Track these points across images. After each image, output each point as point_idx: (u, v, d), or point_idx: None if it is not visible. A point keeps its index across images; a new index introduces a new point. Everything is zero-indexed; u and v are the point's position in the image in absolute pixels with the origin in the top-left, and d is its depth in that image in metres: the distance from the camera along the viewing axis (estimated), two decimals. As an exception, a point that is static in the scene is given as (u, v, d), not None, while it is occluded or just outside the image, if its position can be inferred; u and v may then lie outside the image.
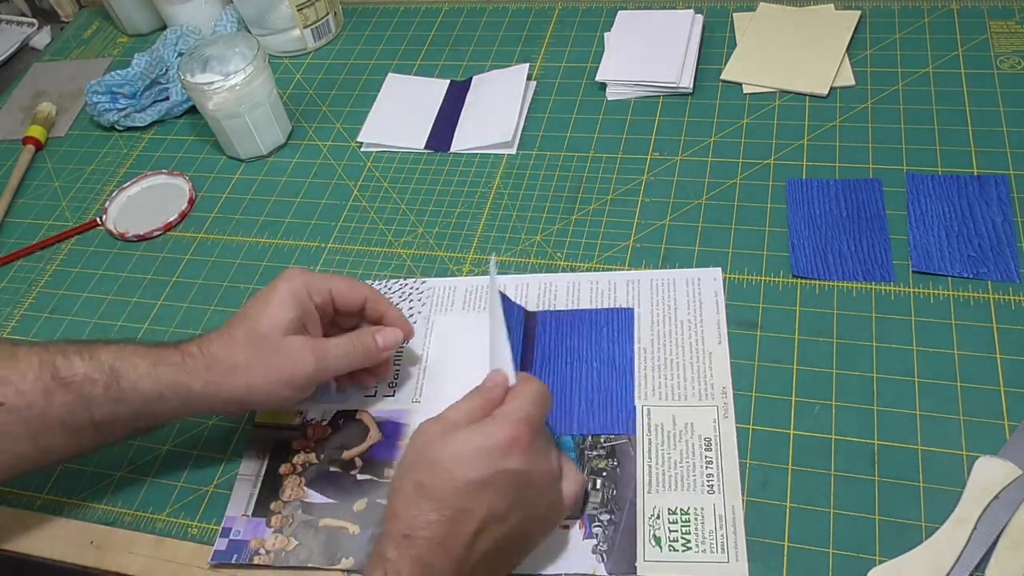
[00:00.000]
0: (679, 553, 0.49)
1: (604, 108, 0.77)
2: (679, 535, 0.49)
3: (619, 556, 0.49)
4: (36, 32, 1.04)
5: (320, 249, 0.71)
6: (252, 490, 0.56)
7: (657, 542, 0.49)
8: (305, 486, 0.55)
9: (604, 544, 0.50)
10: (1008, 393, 0.52)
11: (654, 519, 0.50)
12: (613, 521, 0.51)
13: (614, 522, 0.51)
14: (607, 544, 0.50)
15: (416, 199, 0.73)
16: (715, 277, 0.62)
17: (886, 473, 0.50)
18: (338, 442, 0.57)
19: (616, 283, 0.63)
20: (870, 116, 0.70)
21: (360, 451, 0.56)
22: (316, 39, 0.90)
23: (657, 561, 0.49)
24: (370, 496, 0.54)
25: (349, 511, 0.54)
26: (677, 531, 0.50)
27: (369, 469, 0.55)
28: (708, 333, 0.59)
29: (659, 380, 0.57)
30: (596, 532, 0.50)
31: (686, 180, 0.69)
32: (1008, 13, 0.76)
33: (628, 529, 0.50)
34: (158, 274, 0.72)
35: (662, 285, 0.62)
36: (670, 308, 0.61)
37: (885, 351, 0.56)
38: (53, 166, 0.85)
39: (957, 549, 0.46)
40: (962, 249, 0.60)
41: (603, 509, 0.51)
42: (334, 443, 0.57)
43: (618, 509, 0.51)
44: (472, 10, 0.91)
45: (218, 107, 0.75)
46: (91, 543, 0.56)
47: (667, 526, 0.50)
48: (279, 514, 0.54)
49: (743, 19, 0.82)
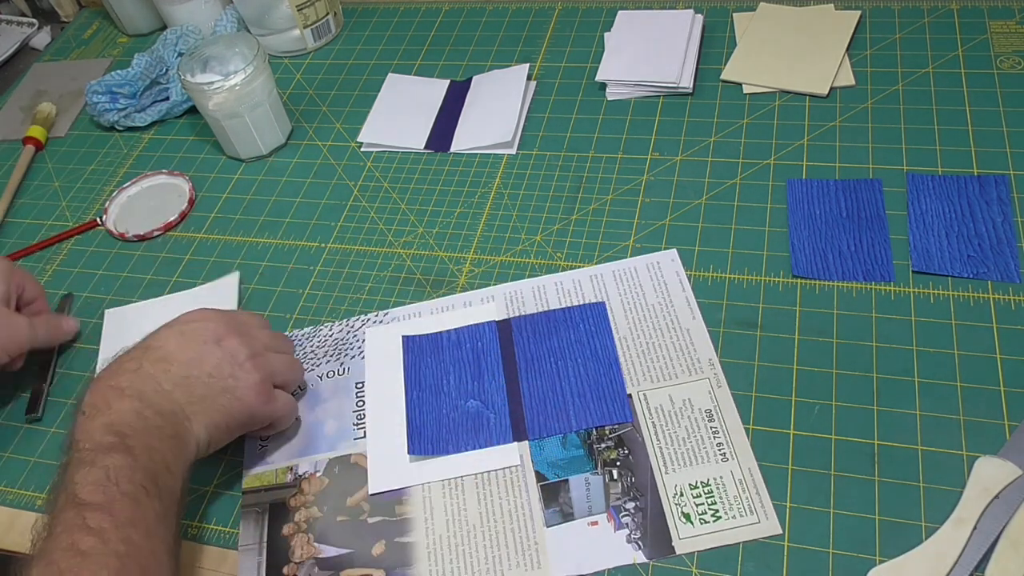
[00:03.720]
0: (711, 524, 0.50)
1: (604, 108, 0.77)
2: (706, 507, 0.50)
3: (654, 540, 0.50)
4: (36, 32, 1.04)
5: (320, 249, 0.71)
6: (258, 559, 0.53)
7: (687, 518, 0.50)
8: (315, 542, 0.53)
9: (637, 532, 0.50)
10: (1008, 393, 0.52)
11: (678, 497, 0.51)
12: (640, 508, 0.51)
13: (640, 508, 0.51)
14: (640, 531, 0.50)
15: (416, 199, 0.73)
16: (672, 258, 0.64)
17: (886, 473, 0.50)
18: (339, 490, 0.55)
19: (580, 280, 0.63)
20: (870, 116, 0.70)
21: (364, 495, 0.54)
22: (316, 39, 0.90)
23: (692, 537, 0.49)
24: (387, 537, 0.52)
25: (368, 557, 0.52)
26: (704, 504, 0.51)
27: (378, 510, 0.54)
28: (680, 312, 0.60)
29: (647, 364, 0.58)
30: (626, 522, 0.51)
31: (686, 180, 0.69)
32: (1008, 13, 0.76)
33: (656, 513, 0.51)
34: (158, 274, 0.72)
35: (625, 275, 0.63)
36: (638, 295, 0.62)
37: (885, 351, 0.56)
38: (53, 166, 0.85)
39: (957, 549, 0.46)
40: (962, 249, 0.60)
41: (627, 498, 0.51)
42: (335, 492, 0.55)
43: (640, 495, 0.51)
44: (472, 10, 0.91)
45: (218, 107, 0.75)
46: (91, 543, 0.56)
47: (692, 501, 0.51)
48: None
49: (743, 19, 0.82)
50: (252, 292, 0.68)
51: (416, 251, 0.69)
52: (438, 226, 0.70)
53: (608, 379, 0.57)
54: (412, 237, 0.70)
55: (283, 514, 0.55)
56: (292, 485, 0.56)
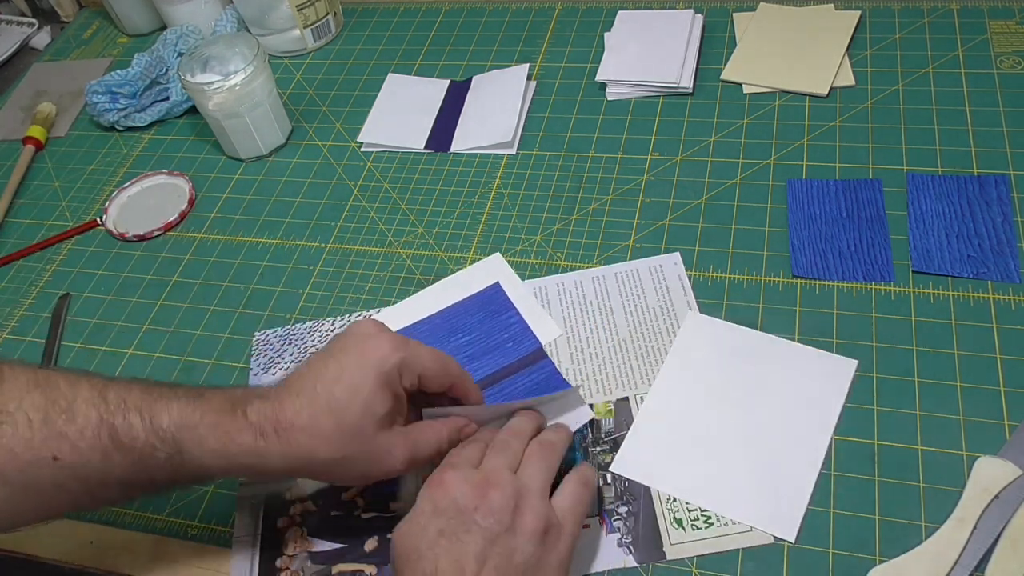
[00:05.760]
0: (702, 531, 0.49)
1: (604, 108, 0.77)
2: (699, 513, 0.50)
3: (645, 545, 0.50)
4: (36, 32, 1.04)
5: (320, 249, 0.71)
6: (252, 551, 0.53)
7: (679, 524, 0.50)
8: (308, 536, 0.53)
9: (628, 536, 0.50)
10: (1008, 393, 0.52)
11: (671, 502, 0.51)
12: (632, 512, 0.51)
13: (633, 512, 0.51)
14: (631, 535, 0.50)
15: (416, 199, 0.73)
16: (675, 262, 0.63)
17: (886, 473, 0.50)
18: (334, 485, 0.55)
19: (582, 281, 0.63)
20: (870, 116, 0.70)
21: (359, 490, 0.55)
22: (316, 39, 0.90)
23: (683, 543, 0.49)
24: (380, 533, 0.52)
25: (361, 552, 0.52)
26: (696, 509, 0.50)
27: (372, 506, 0.54)
28: (681, 315, 0.60)
29: (645, 367, 0.58)
30: (617, 526, 0.50)
31: (686, 180, 0.69)
32: (1008, 13, 0.76)
33: (648, 517, 0.51)
34: (158, 274, 0.72)
35: (627, 277, 0.63)
36: (639, 297, 0.62)
37: (885, 351, 0.56)
38: (53, 166, 0.85)
39: (957, 549, 0.46)
40: (962, 249, 0.60)
41: (619, 502, 0.51)
42: (330, 487, 0.55)
43: (634, 499, 0.51)
44: (472, 10, 0.91)
45: (218, 107, 0.75)
46: (91, 543, 0.56)
47: (685, 506, 0.51)
48: (288, 570, 0.52)
49: (743, 19, 0.82)
50: (252, 292, 0.68)
51: (416, 251, 0.69)
52: (438, 226, 0.70)
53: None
54: (412, 237, 0.70)
55: (278, 507, 0.55)
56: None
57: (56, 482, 0.44)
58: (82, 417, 0.44)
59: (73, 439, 0.44)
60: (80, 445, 0.44)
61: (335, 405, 0.45)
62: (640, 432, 0.54)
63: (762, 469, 0.51)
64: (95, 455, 0.44)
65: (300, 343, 0.64)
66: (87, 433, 0.44)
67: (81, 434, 0.44)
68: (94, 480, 0.44)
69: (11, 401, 0.43)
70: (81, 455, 0.44)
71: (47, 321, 0.70)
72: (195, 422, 0.45)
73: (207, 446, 0.45)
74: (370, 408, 0.45)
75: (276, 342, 0.64)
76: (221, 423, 0.45)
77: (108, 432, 0.44)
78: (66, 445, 0.43)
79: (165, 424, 0.44)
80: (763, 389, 0.54)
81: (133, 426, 0.44)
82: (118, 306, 0.70)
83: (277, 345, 0.64)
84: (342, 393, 0.45)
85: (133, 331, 0.68)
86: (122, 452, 0.44)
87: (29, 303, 0.72)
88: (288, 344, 0.64)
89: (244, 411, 0.45)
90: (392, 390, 0.46)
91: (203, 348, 0.65)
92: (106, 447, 0.44)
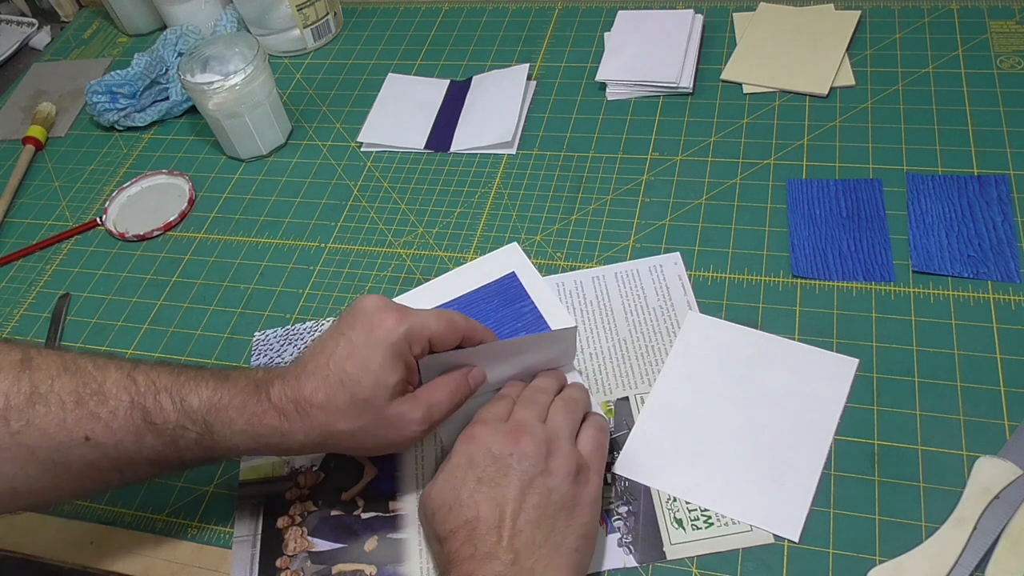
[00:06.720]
0: (703, 531, 0.49)
1: (604, 108, 0.77)
2: (699, 513, 0.50)
3: (645, 545, 0.50)
4: (36, 32, 1.04)
5: (320, 249, 0.71)
6: (252, 551, 0.53)
7: (679, 524, 0.50)
8: (308, 536, 0.53)
9: (628, 536, 0.50)
10: (1008, 393, 0.52)
11: (671, 502, 0.51)
12: (632, 512, 0.51)
13: (633, 512, 0.51)
14: (631, 535, 0.50)
15: (416, 199, 0.73)
16: (675, 262, 0.63)
17: (886, 473, 0.50)
18: (334, 485, 0.55)
19: (582, 281, 0.63)
20: (870, 116, 0.70)
21: (359, 490, 0.55)
22: (316, 39, 0.90)
23: (683, 543, 0.49)
24: (379, 533, 0.52)
25: (360, 552, 0.52)
26: (696, 509, 0.50)
27: (372, 506, 0.54)
28: (681, 315, 0.60)
29: (645, 367, 0.58)
30: (617, 526, 0.51)
31: (686, 180, 0.69)
32: (1008, 13, 0.76)
33: (648, 517, 0.51)
34: (158, 274, 0.72)
35: (627, 277, 0.63)
36: (639, 297, 0.62)
37: (885, 351, 0.56)
38: (53, 166, 0.85)
39: (957, 549, 0.46)
40: (962, 249, 0.60)
41: (619, 502, 0.51)
42: (330, 486, 0.55)
43: (634, 499, 0.51)
44: (472, 10, 0.91)
45: (218, 107, 0.75)
46: (91, 543, 0.56)
47: (685, 507, 0.51)
48: (287, 570, 0.52)
49: (743, 19, 0.82)
50: (252, 292, 0.68)
51: (416, 251, 0.69)
52: (438, 226, 0.70)
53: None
54: (412, 237, 0.70)
55: (279, 507, 0.55)
56: (289, 478, 0.56)
57: (88, 461, 0.46)
58: (113, 399, 0.46)
59: (106, 420, 0.45)
60: (113, 426, 0.45)
61: (347, 380, 0.46)
62: (641, 432, 0.54)
63: (764, 468, 0.51)
64: (128, 436, 0.46)
65: (300, 343, 0.64)
66: (119, 414, 0.46)
67: (114, 415, 0.46)
68: (125, 460, 0.46)
69: (43, 383, 0.45)
70: (114, 435, 0.46)
71: (47, 321, 0.70)
72: (224, 404, 0.47)
73: (236, 427, 0.47)
74: (381, 380, 0.47)
75: (276, 342, 0.64)
76: (248, 405, 0.47)
77: (141, 413, 0.46)
78: (99, 426, 0.45)
79: (195, 406, 0.47)
80: (764, 389, 0.54)
81: (164, 408, 0.46)
82: (118, 306, 0.70)
83: (277, 345, 0.64)
84: (353, 368, 0.47)
85: (133, 331, 0.68)
86: (154, 433, 0.46)
87: (29, 303, 0.72)
88: (288, 344, 0.64)
89: (267, 392, 0.47)
90: (403, 359, 0.48)
91: (203, 348, 0.65)
92: (139, 428, 0.46)
